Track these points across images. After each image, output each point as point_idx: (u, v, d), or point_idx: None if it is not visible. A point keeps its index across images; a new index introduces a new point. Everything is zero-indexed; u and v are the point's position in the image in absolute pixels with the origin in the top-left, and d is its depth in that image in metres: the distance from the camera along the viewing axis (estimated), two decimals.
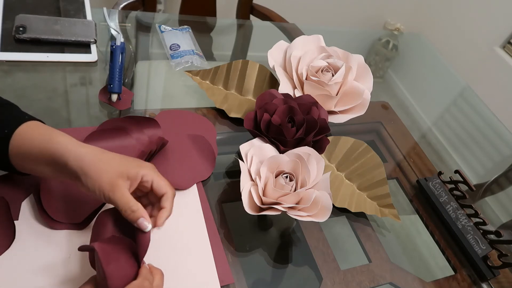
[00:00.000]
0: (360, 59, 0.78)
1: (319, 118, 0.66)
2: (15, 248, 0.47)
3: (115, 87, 0.68)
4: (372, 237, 0.66)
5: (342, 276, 0.59)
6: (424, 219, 0.72)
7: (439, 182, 0.74)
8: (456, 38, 1.90)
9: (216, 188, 0.64)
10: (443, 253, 0.68)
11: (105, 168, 0.42)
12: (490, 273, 0.65)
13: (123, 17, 0.91)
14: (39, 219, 0.50)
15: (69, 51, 0.74)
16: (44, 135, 0.44)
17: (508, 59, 1.69)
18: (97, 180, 0.42)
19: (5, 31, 0.72)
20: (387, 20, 2.02)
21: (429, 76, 1.23)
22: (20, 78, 0.68)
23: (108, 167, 0.43)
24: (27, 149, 0.44)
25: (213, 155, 0.66)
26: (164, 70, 0.84)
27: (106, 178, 0.42)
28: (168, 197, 0.46)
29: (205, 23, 1.03)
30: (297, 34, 1.07)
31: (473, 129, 1.04)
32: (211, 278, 0.52)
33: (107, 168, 0.43)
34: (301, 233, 0.63)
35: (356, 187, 0.71)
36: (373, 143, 0.84)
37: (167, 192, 0.46)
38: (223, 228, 0.58)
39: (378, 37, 1.47)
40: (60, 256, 0.48)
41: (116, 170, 0.43)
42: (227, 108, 0.75)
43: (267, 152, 0.62)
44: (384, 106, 0.94)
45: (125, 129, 0.61)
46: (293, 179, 0.58)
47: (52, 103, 0.67)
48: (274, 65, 0.75)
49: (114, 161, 0.44)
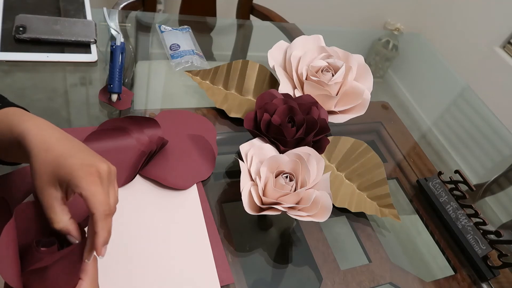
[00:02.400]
0: (360, 59, 0.78)
1: (319, 118, 0.66)
2: None
3: (115, 87, 0.68)
4: (372, 237, 0.66)
5: (342, 276, 0.59)
6: (424, 219, 0.72)
7: (439, 182, 0.74)
8: (456, 38, 1.90)
9: (216, 188, 0.64)
10: (443, 253, 0.68)
11: (39, 167, 0.37)
12: (490, 273, 0.65)
13: (123, 17, 0.91)
14: None
15: (69, 51, 0.74)
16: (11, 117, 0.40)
17: (508, 59, 1.69)
18: (33, 179, 0.38)
19: (5, 31, 0.72)
20: (387, 20, 2.02)
21: (429, 76, 1.23)
22: (20, 78, 0.68)
23: (43, 167, 0.37)
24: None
25: (213, 155, 0.66)
26: (164, 70, 0.84)
27: (37, 181, 0.37)
28: (97, 219, 0.37)
29: (205, 23, 1.03)
30: (297, 34, 1.07)
31: (473, 129, 1.04)
32: (211, 278, 0.52)
33: (42, 168, 0.37)
34: (301, 233, 0.63)
35: (356, 187, 0.71)
36: (373, 143, 0.84)
37: (94, 213, 0.36)
38: (223, 228, 0.58)
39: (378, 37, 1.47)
40: None
41: (50, 171, 0.37)
42: (227, 108, 0.75)
43: (267, 152, 0.62)
44: (384, 106, 0.94)
45: (125, 129, 0.61)
46: (293, 179, 0.58)
47: (52, 103, 0.67)
48: (274, 65, 0.75)
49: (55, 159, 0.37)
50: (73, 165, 0.37)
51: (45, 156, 0.37)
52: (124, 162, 0.58)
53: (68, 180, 0.37)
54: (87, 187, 0.36)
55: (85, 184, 0.37)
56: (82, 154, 0.39)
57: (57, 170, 0.37)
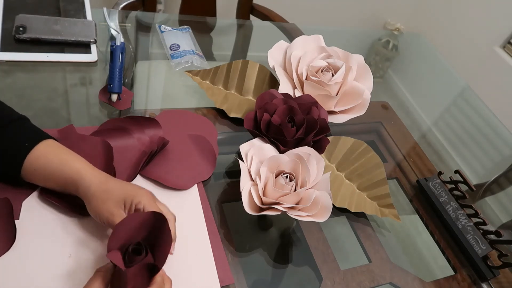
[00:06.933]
0: (360, 59, 0.78)
1: (319, 118, 0.66)
2: (16, 248, 0.47)
3: (115, 87, 0.68)
4: (372, 237, 0.66)
5: (342, 276, 0.59)
6: (424, 219, 0.72)
7: (439, 182, 0.74)
8: (456, 38, 1.90)
9: (216, 188, 0.64)
10: (443, 253, 0.68)
11: (106, 197, 0.47)
12: (490, 273, 0.65)
13: (123, 17, 0.91)
14: (39, 219, 0.50)
15: (69, 51, 0.74)
16: (61, 158, 0.49)
17: (508, 59, 1.69)
18: (97, 209, 0.47)
19: (5, 31, 0.72)
20: (387, 20, 2.02)
21: (429, 76, 1.23)
22: (20, 78, 0.68)
23: (108, 197, 0.47)
24: (42, 166, 0.49)
25: (214, 155, 0.66)
26: (164, 70, 0.84)
27: (105, 208, 0.46)
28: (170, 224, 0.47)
29: (205, 23, 1.03)
30: (297, 34, 1.07)
31: (473, 129, 1.04)
32: (211, 278, 0.52)
33: (108, 198, 0.47)
34: (301, 233, 0.63)
35: (356, 187, 0.71)
36: (373, 143, 0.84)
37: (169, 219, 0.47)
38: (223, 228, 0.58)
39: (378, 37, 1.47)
40: (60, 256, 0.48)
41: (115, 199, 0.47)
42: (227, 108, 0.75)
43: (267, 152, 0.62)
44: (384, 106, 0.94)
45: (126, 129, 0.61)
46: (293, 179, 0.58)
47: (52, 103, 0.67)
48: (274, 65, 0.75)
49: (115, 190, 0.48)
50: (134, 188, 0.49)
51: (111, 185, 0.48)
52: (125, 162, 0.58)
53: (131, 201, 0.47)
54: (148, 204, 0.47)
55: (147, 201, 0.47)
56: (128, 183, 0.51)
57: (122, 198, 0.47)
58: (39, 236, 0.49)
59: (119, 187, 0.48)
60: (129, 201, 0.47)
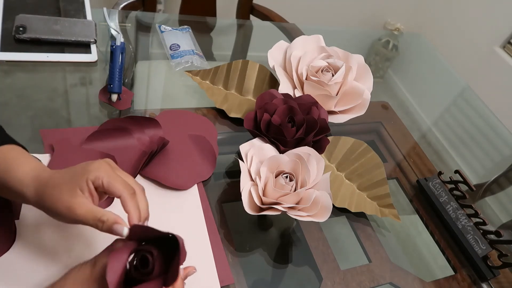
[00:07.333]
0: (360, 59, 0.78)
1: (319, 118, 0.66)
2: (16, 248, 0.47)
3: (115, 87, 0.68)
4: (372, 237, 0.66)
5: (342, 276, 0.59)
6: (424, 219, 0.72)
7: (439, 182, 0.74)
8: (456, 38, 1.90)
9: (216, 188, 0.64)
10: (443, 253, 0.68)
11: (57, 194, 0.40)
12: (490, 273, 0.65)
13: (123, 17, 0.91)
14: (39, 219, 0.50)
15: (69, 51, 0.74)
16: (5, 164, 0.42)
17: (508, 59, 1.69)
18: (55, 211, 0.40)
19: (5, 31, 0.72)
20: (387, 20, 2.02)
21: (429, 76, 1.23)
22: (20, 78, 0.68)
23: (58, 193, 0.40)
24: None
25: (214, 155, 0.66)
26: (164, 70, 0.84)
27: (61, 205, 0.39)
28: (125, 200, 0.41)
29: (205, 23, 1.03)
30: (297, 34, 1.07)
31: (473, 129, 1.04)
32: (211, 278, 0.52)
33: (59, 193, 0.40)
34: (301, 233, 0.63)
35: (356, 187, 0.71)
36: (373, 143, 0.84)
37: (121, 195, 0.41)
38: (223, 228, 0.58)
39: (378, 37, 1.47)
40: (60, 254, 0.48)
41: (67, 190, 0.40)
42: (227, 108, 0.75)
43: (267, 152, 0.62)
44: (384, 106, 0.94)
45: (126, 129, 0.61)
46: (293, 179, 0.58)
47: (52, 103, 0.67)
48: (274, 65, 0.75)
49: (62, 180, 0.41)
50: (83, 166, 0.41)
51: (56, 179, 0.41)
52: (125, 162, 0.58)
53: (85, 182, 0.40)
54: (107, 177, 0.40)
55: (104, 174, 0.40)
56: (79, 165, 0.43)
57: (74, 185, 0.40)
58: (39, 236, 0.49)
59: (65, 175, 0.41)
60: (84, 183, 0.40)
